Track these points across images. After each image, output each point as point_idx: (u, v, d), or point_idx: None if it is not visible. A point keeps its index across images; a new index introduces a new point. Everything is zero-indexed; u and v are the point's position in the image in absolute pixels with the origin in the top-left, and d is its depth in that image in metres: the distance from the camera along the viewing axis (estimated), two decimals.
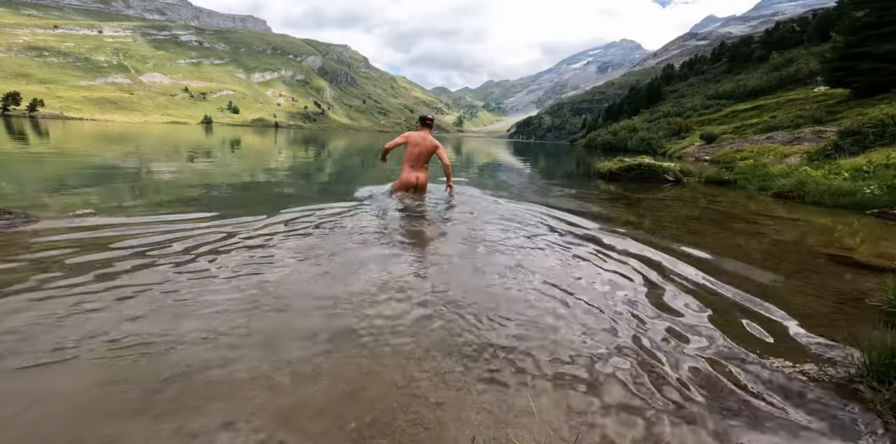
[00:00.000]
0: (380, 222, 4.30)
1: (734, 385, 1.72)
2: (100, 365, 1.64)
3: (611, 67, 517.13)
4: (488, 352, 1.89)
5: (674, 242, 4.09)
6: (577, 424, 1.44)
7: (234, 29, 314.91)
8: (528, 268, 3.07)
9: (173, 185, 6.47)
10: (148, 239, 3.29)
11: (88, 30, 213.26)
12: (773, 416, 1.55)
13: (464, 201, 5.62)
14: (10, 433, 1.29)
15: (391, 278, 2.71)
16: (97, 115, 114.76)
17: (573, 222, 4.84)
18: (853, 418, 1.54)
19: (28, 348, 1.73)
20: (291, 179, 8.32)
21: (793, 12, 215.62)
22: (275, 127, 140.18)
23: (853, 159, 8.71)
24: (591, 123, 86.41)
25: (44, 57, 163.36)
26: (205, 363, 1.69)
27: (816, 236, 4.59)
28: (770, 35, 60.63)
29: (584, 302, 2.51)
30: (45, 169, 7.76)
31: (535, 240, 3.88)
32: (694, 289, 2.80)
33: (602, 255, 3.50)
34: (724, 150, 19.56)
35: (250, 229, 3.77)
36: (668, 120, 42.25)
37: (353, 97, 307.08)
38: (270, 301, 2.29)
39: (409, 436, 1.36)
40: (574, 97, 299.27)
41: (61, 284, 2.36)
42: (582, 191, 8.40)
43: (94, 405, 1.43)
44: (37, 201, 4.56)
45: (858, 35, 21.57)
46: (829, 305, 2.61)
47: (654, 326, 2.24)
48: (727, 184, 9.85)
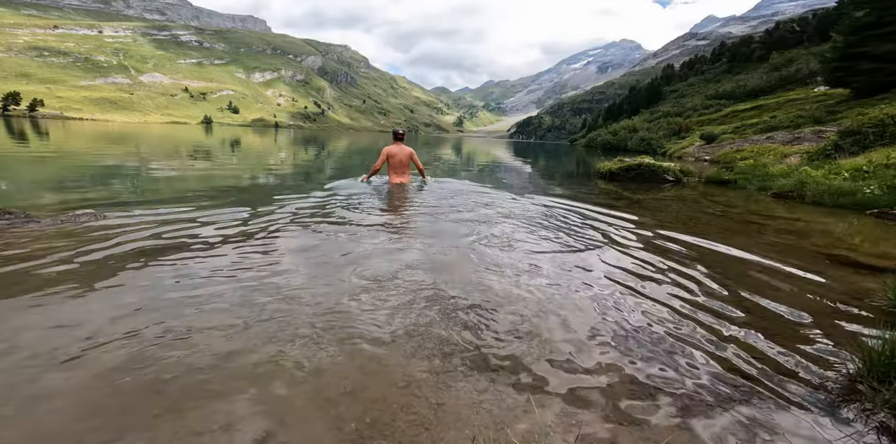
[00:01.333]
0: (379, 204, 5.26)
1: (734, 385, 1.72)
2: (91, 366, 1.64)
3: (611, 67, 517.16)
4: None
5: (673, 241, 4.09)
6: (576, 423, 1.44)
7: (234, 29, 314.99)
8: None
9: (173, 185, 6.47)
10: (148, 238, 3.29)
11: (88, 30, 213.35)
12: (773, 416, 1.55)
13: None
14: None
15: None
16: (97, 115, 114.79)
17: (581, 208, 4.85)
18: (853, 418, 1.54)
19: (29, 347, 1.73)
20: (292, 180, 8.32)
21: (793, 12, 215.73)
22: (275, 127, 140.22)
23: (853, 159, 8.71)
24: (591, 123, 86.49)
25: (44, 57, 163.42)
26: (205, 363, 1.69)
27: (816, 236, 4.59)
28: (770, 35, 60.65)
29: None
30: (45, 169, 7.76)
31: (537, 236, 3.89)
32: (692, 289, 2.80)
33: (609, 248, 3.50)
34: (724, 150, 19.56)
35: (252, 225, 3.78)
36: (668, 120, 42.29)
37: (353, 97, 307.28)
38: (272, 294, 2.30)
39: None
40: (574, 97, 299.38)
41: (62, 284, 2.36)
42: (582, 191, 8.40)
43: (84, 402, 1.43)
44: (37, 201, 4.56)
45: (858, 35, 21.58)
46: (829, 305, 2.61)
47: (655, 326, 2.24)
48: (727, 184, 9.85)
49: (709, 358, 1.92)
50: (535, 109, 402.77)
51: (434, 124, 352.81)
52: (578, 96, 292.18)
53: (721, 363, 1.88)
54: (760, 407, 1.59)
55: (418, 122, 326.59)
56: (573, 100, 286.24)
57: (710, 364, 1.87)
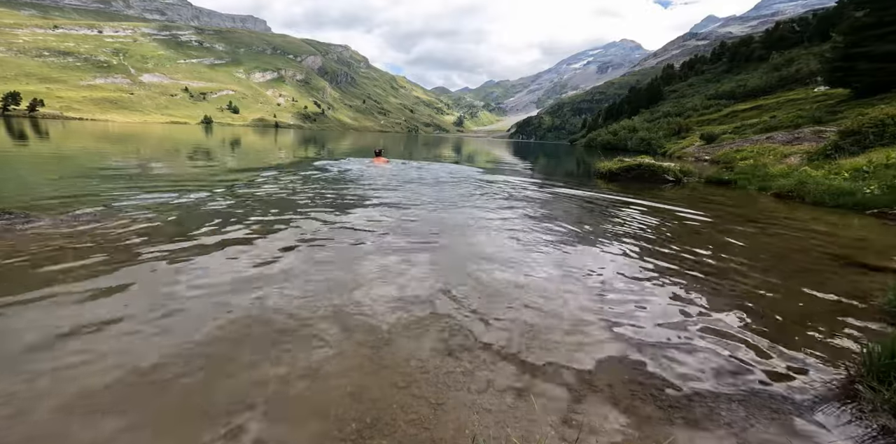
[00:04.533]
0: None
1: (735, 385, 1.72)
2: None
3: (611, 67, 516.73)
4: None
5: (673, 241, 4.09)
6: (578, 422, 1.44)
7: (234, 29, 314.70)
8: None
9: (173, 184, 6.46)
10: (148, 238, 3.29)
11: (88, 30, 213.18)
12: (773, 415, 1.55)
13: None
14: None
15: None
16: (97, 115, 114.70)
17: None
18: (853, 418, 1.54)
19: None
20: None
21: (793, 12, 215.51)
22: (275, 127, 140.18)
23: (853, 159, 8.70)
24: (591, 123, 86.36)
25: (44, 57, 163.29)
26: (203, 362, 1.69)
27: (816, 236, 4.59)
28: (770, 35, 60.55)
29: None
30: (46, 169, 7.75)
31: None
32: (691, 288, 2.80)
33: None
34: (724, 150, 19.55)
35: (250, 224, 3.78)
36: (668, 120, 42.26)
37: (354, 97, 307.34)
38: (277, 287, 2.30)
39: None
40: (574, 97, 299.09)
41: (61, 286, 2.36)
42: (582, 191, 8.38)
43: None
44: (37, 202, 4.56)
45: (858, 35, 21.56)
46: (829, 305, 2.61)
47: (655, 326, 2.24)
48: (727, 184, 9.84)
49: (709, 358, 1.92)
50: (535, 109, 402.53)
51: (434, 124, 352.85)
52: (578, 96, 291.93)
53: (721, 363, 1.88)
54: (761, 407, 1.59)
55: (418, 121, 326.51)
56: (573, 100, 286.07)
57: (711, 364, 1.87)
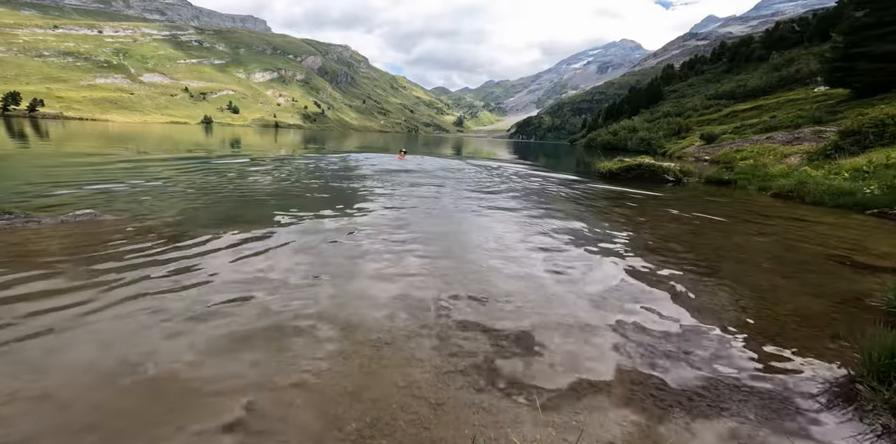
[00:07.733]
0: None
1: (735, 385, 1.72)
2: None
3: (611, 67, 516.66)
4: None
5: (673, 241, 4.09)
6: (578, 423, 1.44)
7: (234, 29, 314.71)
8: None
9: (173, 184, 6.46)
10: (148, 237, 3.29)
11: (88, 30, 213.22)
12: (773, 415, 1.54)
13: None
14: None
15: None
16: (97, 115, 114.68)
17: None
18: (853, 417, 1.54)
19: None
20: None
21: (793, 12, 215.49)
22: (275, 127, 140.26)
23: (853, 159, 8.70)
24: (591, 123, 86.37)
25: (44, 57, 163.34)
26: (203, 361, 1.69)
27: (816, 236, 4.59)
28: (770, 35, 60.54)
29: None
30: (45, 169, 7.75)
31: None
32: (691, 288, 2.80)
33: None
34: (724, 150, 19.55)
35: (244, 223, 3.79)
36: (668, 120, 42.27)
37: (354, 97, 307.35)
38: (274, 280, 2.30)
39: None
40: (574, 97, 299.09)
41: (62, 285, 2.36)
42: (582, 191, 8.39)
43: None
44: (37, 201, 4.56)
45: (858, 35, 21.56)
46: (828, 304, 2.60)
47: (654, 326, 2.24)
48: (727, 184, 9.84)
49: (709, 358, 1.92)
50: (536, 109, 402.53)
51: (434, 124, 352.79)
52: (578, 96, 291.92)
53: (721, 363, 1.88)
54: (761, 407, 1.59)
55: (419, 121, 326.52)
56: (573, 100, 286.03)
57: (711, 364, 1.87)
